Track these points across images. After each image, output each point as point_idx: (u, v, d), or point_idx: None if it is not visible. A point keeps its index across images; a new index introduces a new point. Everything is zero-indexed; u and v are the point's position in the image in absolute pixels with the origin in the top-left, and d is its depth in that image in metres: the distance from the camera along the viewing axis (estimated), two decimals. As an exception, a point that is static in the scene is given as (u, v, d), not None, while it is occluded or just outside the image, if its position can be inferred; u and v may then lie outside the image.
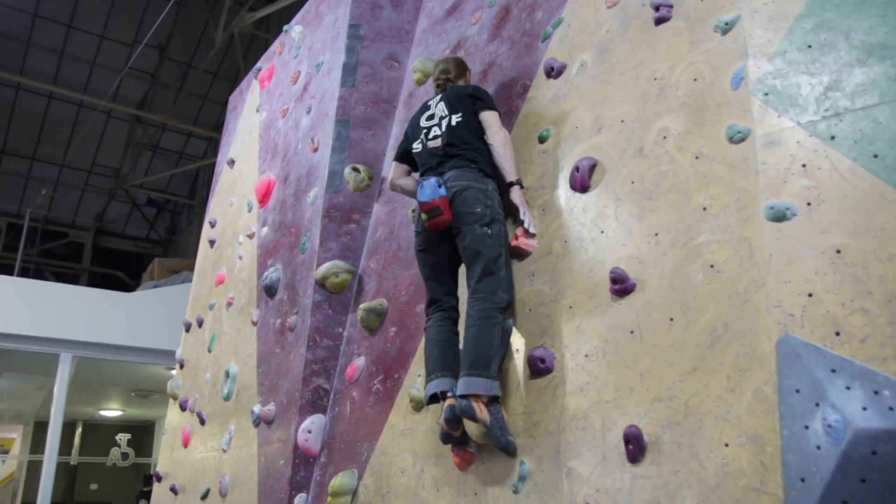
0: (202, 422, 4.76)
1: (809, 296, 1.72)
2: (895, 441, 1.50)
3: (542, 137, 2.77)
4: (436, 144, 2.82)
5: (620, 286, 2.18)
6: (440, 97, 2.95)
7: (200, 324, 5.47)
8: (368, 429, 3.15)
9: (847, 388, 1.58)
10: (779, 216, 1.84)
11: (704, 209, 2.04)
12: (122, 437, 9.77)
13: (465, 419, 2.38)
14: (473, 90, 2.86)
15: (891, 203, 1.69)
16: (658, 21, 2.44)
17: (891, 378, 1.54)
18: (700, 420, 1.84)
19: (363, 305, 3.46)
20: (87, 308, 9.06)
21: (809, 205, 1.81)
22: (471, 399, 2.30)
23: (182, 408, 5.28)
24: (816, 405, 1.61)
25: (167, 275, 12.48)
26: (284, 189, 4.60)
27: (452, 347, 2.59)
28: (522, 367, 2.47)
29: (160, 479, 5.34)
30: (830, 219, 1.77)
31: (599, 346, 2.21)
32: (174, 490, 4.90)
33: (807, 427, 1.61)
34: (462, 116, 2.79)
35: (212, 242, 5.87)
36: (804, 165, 1.86)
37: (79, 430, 13.58)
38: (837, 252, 1.73)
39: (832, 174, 1.81)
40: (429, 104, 3.00)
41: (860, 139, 1.79)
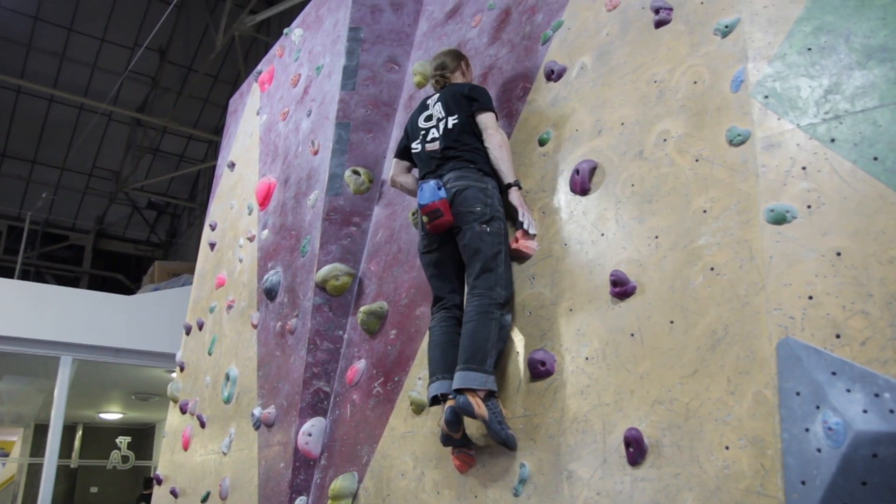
0: (202, 425, 4.75)
1: (810, 298, 1.72)
2: (896, 444, 1.50)
3: (543, 140, 2.78)
4: (434, 147, 2.82)
5: (621, 289, 2.18)
6: (438, 96, 2.94)
7: (201, 327, 5.47)
8: (369, 432, 3.15)
9: (847, 391, 1.58)
10: (779, 219, 1.85)
11: (704, 212, 2.04)
12: (123, 440, 9.75)
13: (465, 416, 2.38)
14: (470, 90, 2.84)
15: (891, 205, 1.69)
16: (658, 24, 2.44)
17: (891, 381, 1.54)
18: (700, 423, 1.84)
19: (363, 308, 3.46)
20: (88, 311, 9.06)
21: (809, 207, 1.81)
22: (467, 395, 2.30)
23: (182, 411, 5.28)
24: (817, 408, 1.61)
25: (167, 278, 12.50)
26: (285, 192, 4.61)
27: (454, 349, 2.59)
28: (523, 370, 2.46)
29: (160, 483, 5.33)
30: (831, 221, 1.77)
31: (600, 349, 2.21)
32: (174, 493, 4.89)
33: (807, 430, 1.60)
34: (459, 118, 2.79)
35: (212, 245, 5.88)
36: (804, 168, 1.86)
37: (79, 433, 13.59)
38: (838, 254, 1.73)
39: (832, 177, 1.81)
40: (427, 103, 2.99)
41: (860, 142, 1.80)
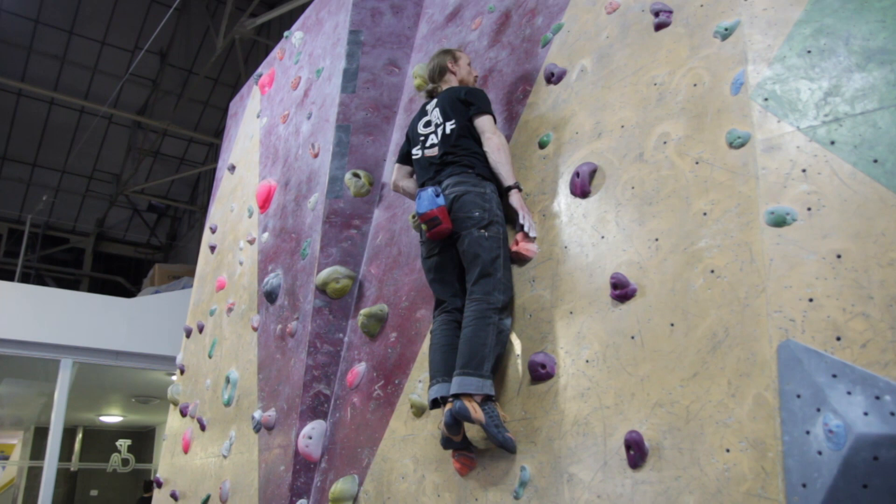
0: (203, 427, 4.75)
1: (810, 301, 1.72)
2: (897, 446, 1.50)
3: (543, 143, 2.78)
4: (432, 153, 2.82)
5: (621, 291, 2.18)
6: (436, 102, 2.94)
7: (201, 329, 5.47)
8: (369, 434, 3.14)
9: (848, 394, 1.58)
10: (779, 221, 1.85)
11: (705, 214, 2.04)
12: (123, 443, 9.75)
13: (463, 421, 2.38)
14: (467, 94, 2.83)
15: (891, 208, 1.69)
16: (658, 27, 2.44)
17: (892, 383, 1.54)
18: (701, 425, 1.84)
19: (364, 311, 3.46)
20: (88, 314, 9.06)
21: (810, 210, 1.81)
22: (463, 399, 2.30)
23: (182, 413, 5.27)
24: (818, 410, 1.60)
25: (168, 280, 12.51)
26: (285, 194, 4.61)
27: (454, 352, 2.59)
28: (523, 373, 2.46)
29: (160, 485, 5.33)
30: (831, 223, 1.77)
31: (600, 352, 2.21)
32: (174, 496, 4.88)
33: (808, 432, 1.60)
34: (456, 123, 2.78)
35: (212, 248, 5.88)
36: (804, 170, 1.86)
37: (79, 436, 13.57)
38: (838, 257, 1.73)
39: (832, 179, 1.81)
40: (426, 109, 2.99)
41: (860, 144, 1.80)
